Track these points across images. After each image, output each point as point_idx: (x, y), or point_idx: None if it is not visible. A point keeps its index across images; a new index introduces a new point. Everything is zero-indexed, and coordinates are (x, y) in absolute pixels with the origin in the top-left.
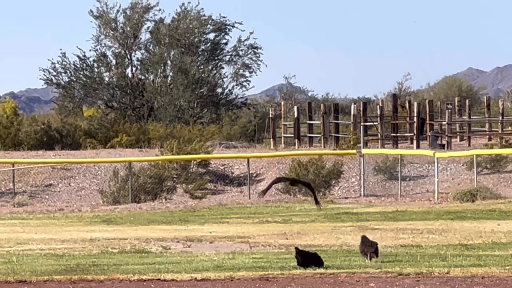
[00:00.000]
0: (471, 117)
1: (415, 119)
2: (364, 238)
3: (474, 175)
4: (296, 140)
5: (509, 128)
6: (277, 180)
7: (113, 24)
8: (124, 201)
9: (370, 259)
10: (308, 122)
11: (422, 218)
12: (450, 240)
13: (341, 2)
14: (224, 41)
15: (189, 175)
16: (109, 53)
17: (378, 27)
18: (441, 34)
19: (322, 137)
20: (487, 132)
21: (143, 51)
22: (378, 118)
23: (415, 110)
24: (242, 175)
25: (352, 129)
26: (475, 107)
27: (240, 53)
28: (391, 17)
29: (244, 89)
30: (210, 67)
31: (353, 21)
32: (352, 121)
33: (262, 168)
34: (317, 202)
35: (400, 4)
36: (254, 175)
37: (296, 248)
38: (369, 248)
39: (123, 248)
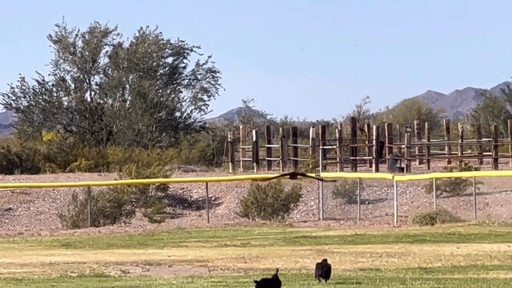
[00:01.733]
0: (431, 140)
1: (374, 142)
2: (321, 262)
3: (434, 198)
4: (254, 163)
5: (469, 151)
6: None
7: (71, 49)
8: (83, 225)
9: (319, 281)
10: (266, 145)
11: (381, 242)
12: (409, 264)
13: (299, 26)
14: (183, 65)
15: (148, 199)
16: (68, 77)
17: (337, 51)
18: (400, 57)
19: (280, 161)
20: (447, 155)
21: (101, 75)
22: (337, 142)
23: (374, 133)
24: (200, 199)
25: (310, 152)
26: (434, 130)
27: (199, 77)
28: (350, 41)
29: (202, 113)
30: (168, 91)
31: (312, 45)
32: (310, 144)
33: (220, 191)
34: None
35: (358, 28)
36: (213, 198)
37: (255, 281)
38: (318, 270)
39: (82, 272)
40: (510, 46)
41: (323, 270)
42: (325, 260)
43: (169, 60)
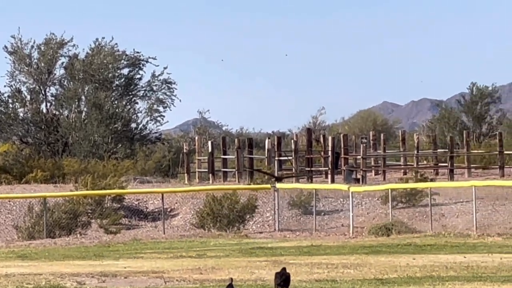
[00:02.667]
0: (386, 151)
1: (329, 153)
2: (280, 271)
3: (389, 209)
4: (210, 174)
5: (424, 162)
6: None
7: (27, 60)
8: (39, 237)
9: None
10: (222, 156)
11: (337, 253)
12: (365, 275)
13: (253, 37)
14: (138, 76)
15: (104, 210)
16: (23, 88)
17: (292, 62)
18: (355, 68)
19: (236, 172)
20: (402, 166)
21: (57, 86)
22: (293, 153)
23: (330, 144)
24: (156, 210)
25: (266, 163)
26: (390, 141)
27: (154, 88)
28: (305, 52)
29: (158, 124)
30: (124, 102)
31: (267, 55)
32: (266, 155)
33: (176, 203)
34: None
35: (313, 39)
36: (169, 210)
37: None
38: (277, 279)
39: (38, 284)
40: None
41: (282, 279)
42: (284, 269)
43: (125, 71)
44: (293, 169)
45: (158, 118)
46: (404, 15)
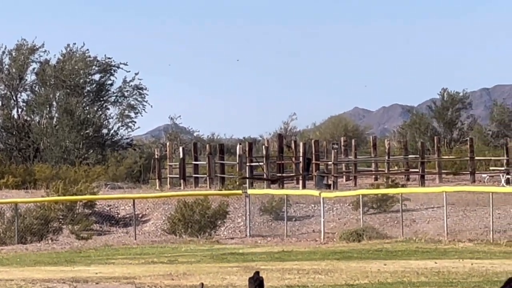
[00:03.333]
0: (357, 157)
1: (301, 159)
2: (253, 275)
3: (360, 215)
4: (181, 180)
5: (396, 167)
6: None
7: None
8: (10, 242)
9: None
10: (193, 162)
11: (308, 258)
12: (336, 281)
13: (225, 44)
14: (110, 82)
15: (75, 216)
16: None
17: (262, 68)
18: (326, 74)
19: (207, 178)
20: (373, 172)
21: (28, 92)
22: (264, 158)
23: (301, 150)
24: (128, 216)
25: (237, 169)
26: (361, 147)
27: (126, 94)
28: (276, 58)
29: (129, 129)
30: (95, 108)
31: (238, 62)
32: (237, 161)
33: (147, 208)
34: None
35: (285, 46)
36: (140, 215)
37: None
38: (251, 285)
39: None
40: (436, 64)
41: (256, 284)
42: (257, 273)
43: (96, 77)
44: (264, 175)
45: (130, 124)
46: (375, 22)
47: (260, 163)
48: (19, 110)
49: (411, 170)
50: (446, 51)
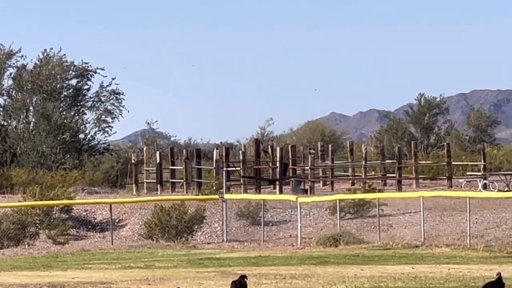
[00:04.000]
0: (334, 162)
1: (277, 164)
2: (237, 279)
3: (337, 220)
4: (158, 185)
5: (372, 173)
6: None
7: None
8: None
9: None
10: (170, 167)
11: (285, 263)
12: (313, 285)
13: (201, 49)
14: (86, 87)
15: (52, 220)
16: None
17: (240, 72)
18: (303, 79)
19: (184, 183)
20: (350, 177)
21: (5, 97)
22: (241, 163)
23: (278, 155)
24: (104, 220)
25: (214, 174)
26: (338, 152)
27: (102, 98)
28: (253, 63)
29: (106, 134)
30: (72, 113)
31: (214, 66)
32: (214, 166)
33: (124, 213)
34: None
35: (262, 50)
36: (117, 220)
37: None
38: None
39: None
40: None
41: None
42: (242, 277)
43: (73, 82)
44: (241, 180)
45: (106, 129)
46: (352, 27)
47: (237, 168)
48: None
49: (388, 175)
50: (423, 56)
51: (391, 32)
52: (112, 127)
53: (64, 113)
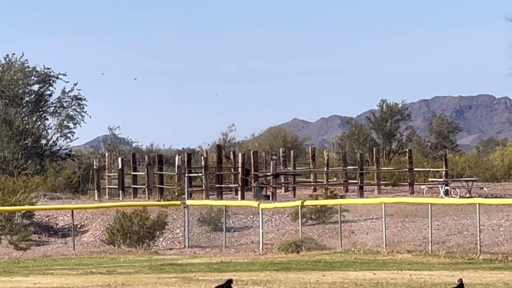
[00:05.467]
0: (296, 168)
1: (239, 170)
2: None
3: (299, 226)
4: (120, 191)
5: (334, 179)
6: None
7: None
8: None
9: None
10: (132, 173)
11: (247, 269)
12: None
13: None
14: (49, 92)
15: (14, 226)
16: None
17: (201, 78)
18: (265, 85)
19: (146, 188)
20: (312, 183)
21: None
22: (203, 169)
23: (240, 161)
24: (66, 226)
25: (176, 180)
26: (300, 158)
27: (64, 104)
28: (215, 69)
29: (68, 140)
30: (34, 119)
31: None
32: (176, 172)
33: (86, 219)
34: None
35: (224, 57)
36: (79, 226)
37: None
38: None
39: None
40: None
41: None
42: (228, 282)
43: (35, 87)
44: (203, 185)
45: (68, 135)
46: (313, 32)
47: (199, 174)
48: None
49: (350, 181)
50: (385, 62)
51: (354, 39)
52: (74, 132)
53: (26, 118)
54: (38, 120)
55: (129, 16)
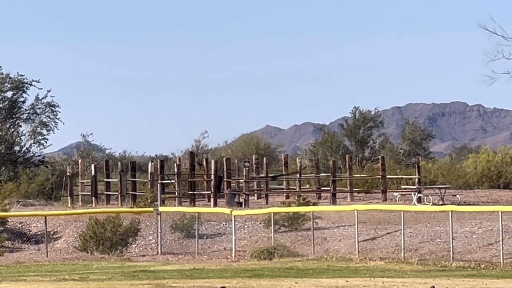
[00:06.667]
0: (269, 174)
1: (212, 176)
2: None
3: (272, 233)
4: (93, 198)
5: (307, 186)
6: None
7: None
8: None
9: None
10: (105, 180)
11: (219, 276)
12: None
13: (133, 62)
14: (22, 99)
15: None
16: None
17: (174, 85)
18: (238, 92)
19: (119, 195)
20: (285, 190)
21: None
22: (176, 176)
23: (213, 167)
24: (39, 233)
25: (149, 187)
26: (272, 165)
27: (38, 111)
28: (189, 76)
29: (41, 147)
30: (7, 125)
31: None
32: (149, 179)
33: (59, 226)
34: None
35: (196, 63)
36: (52, 233)
37: None
38: None
39: None
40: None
41: None
42: None
43: (9, 94)
44: (176, 192)
45: (42, 141)
46: (285, 39)
47: (172, 181)
48: None
49: (322, 188)
50: (358, 69)
51: (326, 46)
52: (47, 139)
53: None
54: (11, 126)
55: (100, 26)
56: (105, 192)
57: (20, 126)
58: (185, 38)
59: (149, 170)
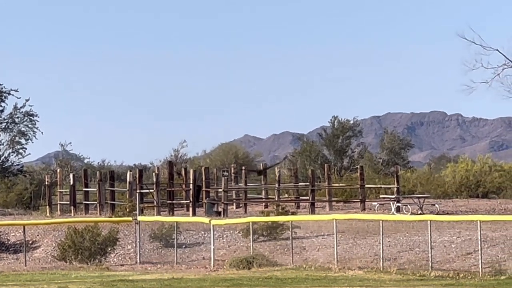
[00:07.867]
0: (247, 184)
1: (191, 186)
2: None
3: (251, 242)
4: (72, 207)
5: (286, 195)
6: None
7: None
8: None
9: None
10: (84, 189)
11: (198, 286)
12: None
13: (115, 70)
14: (0, 108)
15: None
16: None
17: (153, 95)
18: (217, 101)
19: (98, 204)
20: (264, 200)
21: None
22: (154, 185)
23: (191, 177)
24: (18, 242)
25: (128, 196)
26: (251, 174)
27: (16, 120)
28: (167, 85)
29: (20, 156)
30: None
31: (127, 88)
32: (128, 188)
33: (38, 235)
34: None
35: (174, 71)
36: (30, 242)
37: None
38: None
39: None
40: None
41: None
42: None
43: None
44: (155, 202)
45: (20, 151)
46: (264, 46)
47: (151, 190)
48: None
49: (301, 197)
50: (337, 78)
51: (302, 55)
52: (26, 148)
53: None
54: None
55: (78, 35)
56: (84, 202)
57: None
58: (165, 47)
59: (128, 180)
